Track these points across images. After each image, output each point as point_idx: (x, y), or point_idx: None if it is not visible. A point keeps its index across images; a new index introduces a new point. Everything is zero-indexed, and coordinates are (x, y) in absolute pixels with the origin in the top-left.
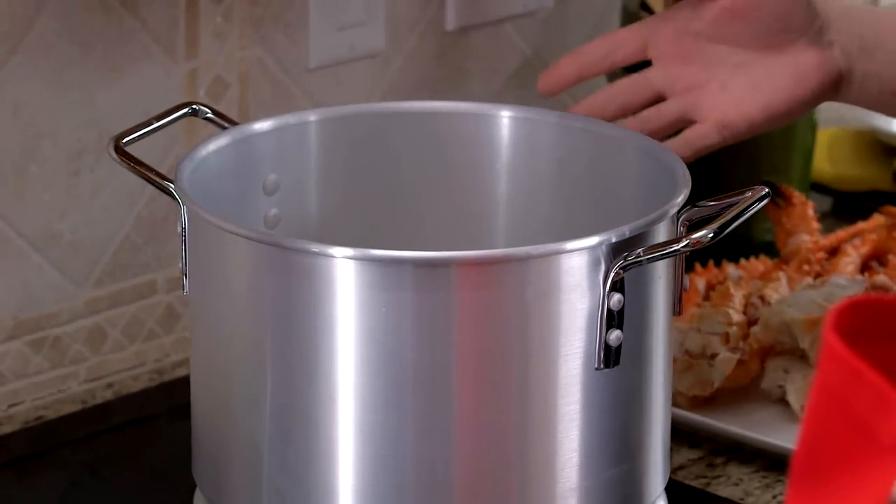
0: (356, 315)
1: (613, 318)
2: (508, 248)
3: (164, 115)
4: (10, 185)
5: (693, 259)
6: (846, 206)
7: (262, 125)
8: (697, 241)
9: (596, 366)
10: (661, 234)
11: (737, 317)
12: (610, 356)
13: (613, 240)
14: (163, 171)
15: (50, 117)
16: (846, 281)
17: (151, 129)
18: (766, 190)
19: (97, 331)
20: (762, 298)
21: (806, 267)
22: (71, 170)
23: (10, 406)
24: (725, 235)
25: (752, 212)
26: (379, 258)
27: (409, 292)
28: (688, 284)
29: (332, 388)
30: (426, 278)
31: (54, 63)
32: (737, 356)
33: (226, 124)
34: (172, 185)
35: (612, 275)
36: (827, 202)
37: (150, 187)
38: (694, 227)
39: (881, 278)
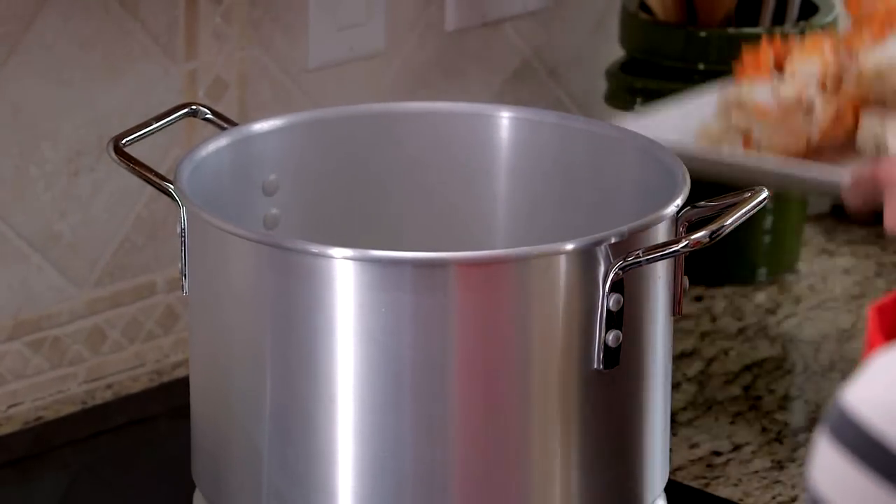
0: (355, 315)
1: (612, 319)
2: (508, 248)
3: (164, 116)
4: (9, 185)
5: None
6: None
7: (261, 125)
8: (697, 242)
9: (595, 366)
10: (661, 234)
11: (832, 59)
12: (609, 356)
13: (613, 240)
14: (162, 171)
15: (50, 118)
16: None
17: (151, 130)
18: (766, 191)
19: (97, 331)
20: (849, 54)
21: (888, 28)
22: (71, 170)
23: (10, 406)
24: (721, 238)
25: (751, 213)
26: (378, 259)
27: (409, 293)
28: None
29: (332, 388)
30: (425, 279)
31: (54, 63)
32: (835, 105)
33: (225, 125)
34: (172, 186)
35: (611, 275)
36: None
37: (150, 188)
38: (693, 227)
39: None
